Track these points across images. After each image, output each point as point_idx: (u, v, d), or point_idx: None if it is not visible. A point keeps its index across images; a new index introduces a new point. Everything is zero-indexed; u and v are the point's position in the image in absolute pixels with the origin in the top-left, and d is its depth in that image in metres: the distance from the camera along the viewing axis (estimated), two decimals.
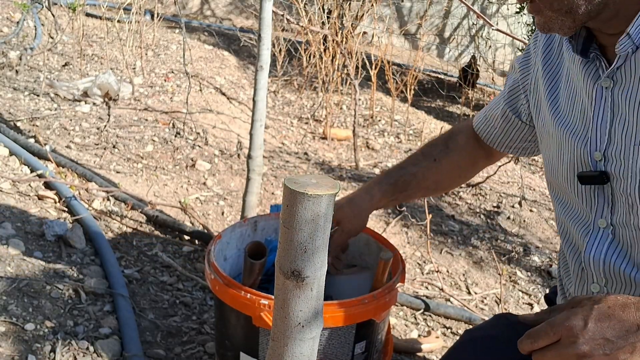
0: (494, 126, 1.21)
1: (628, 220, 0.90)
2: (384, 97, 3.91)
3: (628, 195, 0.88)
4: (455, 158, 1.28)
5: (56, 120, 2.85)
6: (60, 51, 3.77)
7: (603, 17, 0.85)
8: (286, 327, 0.70)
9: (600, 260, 0.95)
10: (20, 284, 1.66)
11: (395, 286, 1.31)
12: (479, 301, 2.11)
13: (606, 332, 0.75)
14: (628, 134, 0.87)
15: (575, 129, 0.96)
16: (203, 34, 4.89)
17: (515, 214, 2.71)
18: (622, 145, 0.88)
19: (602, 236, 0.95)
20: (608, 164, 0.91)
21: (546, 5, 0.84)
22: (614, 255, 0.94)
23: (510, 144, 1.21)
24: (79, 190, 2.26)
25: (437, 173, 1.29)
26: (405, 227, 2.48)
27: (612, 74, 0.89)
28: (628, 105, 0.87)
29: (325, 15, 3.57)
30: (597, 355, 0.75)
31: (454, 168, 1.30)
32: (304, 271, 0.67)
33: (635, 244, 0.91)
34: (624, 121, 0.88)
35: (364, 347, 1.33)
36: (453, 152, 1.28)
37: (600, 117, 0.91)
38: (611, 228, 0.94)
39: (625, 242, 0.92)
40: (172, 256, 2.04)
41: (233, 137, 3.03)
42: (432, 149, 1.29)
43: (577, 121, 0.96)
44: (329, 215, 0.66)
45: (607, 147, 0.91)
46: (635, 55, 0.85)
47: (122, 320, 1.64)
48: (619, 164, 0.89)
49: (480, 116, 1.26)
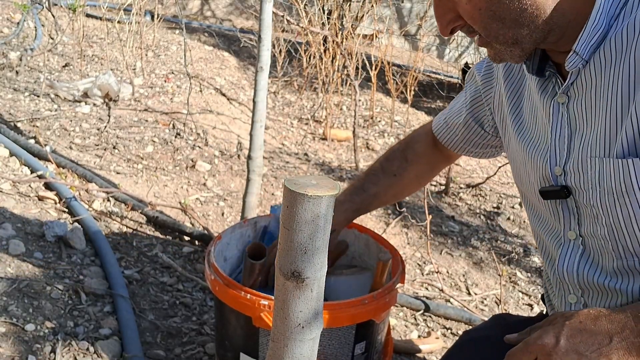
0: (456, 133, 1.24)
1: (595, 230, 0.91)
2: (384, 97, 3.91)
3: (592, 206, 0.90)
4: (415, 169, 1.32)
5: (56, 121, 2.86)
6: (60, 52, 3.77)
7: (550, 40, 0.86)
8: (286, 328, 0.71)
9: (574, 272, 0.96)
10: (21, 285, 1.67)
11: (395, 287, 1.31)
12: (479, 302, 2.11)
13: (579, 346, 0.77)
14: (585, 147, 0.89)
15: (537, 145, 0.98)
16: (203, 35, 4.89)
17: (515, 214, 2.71)
18: (580, 159, 0.89)
19: (573, 248, 0.96)
20: (568, 178, 0.92)
21: (492, 39, 0.86)
22: (586, 266, 0.95)
23: (471, 149, 1.24)
24: (79, 191, 2.26)
25: (397, 187, 1.33)
26: (405, 227, 2.48)
27: (567, 89, 0.90)
28: (584, 119, 0.89)
29: (326, 16, 3.58)
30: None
31: (413, 179, 1.34)
32: (304, 272, 0.67)
33: (605, 254, 0.92)
34: (581, 135, 0.89)
35: (364, 348, 1.33)
36: (412, 164, 1.31)
37: (558, 132, 0.93)
38: (581, 239, 0.95)
39: (595, 252, 0.94)
40: (172, 257, 2.04)
41: (233, 138, 3.03)
42: (391, 164, 1.33)
43: (539, 137, 0.98)
44: (329, 216, 0.66)
45: (566, 161, 0.92)
46: (585, 69, 0.86)
47: (122, 321, 1.64)
48: (579, 176, 0.90)
49: (440, 121, 1.28)
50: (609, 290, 0.92)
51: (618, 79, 0.82)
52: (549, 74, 0.93)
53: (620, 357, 0.77)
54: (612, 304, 0.93)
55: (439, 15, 0.87)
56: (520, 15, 0.82)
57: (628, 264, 0.89)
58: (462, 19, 0.86)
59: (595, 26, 0.82)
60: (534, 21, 0.82)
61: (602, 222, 0.89)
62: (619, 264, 0.90)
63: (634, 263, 0.88)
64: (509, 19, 0.83)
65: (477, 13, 0.83)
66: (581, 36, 0.83)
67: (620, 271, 0.90)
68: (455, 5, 0.84)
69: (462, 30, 0.88)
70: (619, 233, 0.87)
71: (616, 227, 0.87)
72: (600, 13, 0.81)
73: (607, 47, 0.83)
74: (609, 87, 0.84)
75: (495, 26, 0.84)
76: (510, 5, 0.81)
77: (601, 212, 0.88)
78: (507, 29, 0.84)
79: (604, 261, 0.92)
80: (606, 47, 0.83)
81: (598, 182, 0.87)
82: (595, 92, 0.86)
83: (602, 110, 0.85)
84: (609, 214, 0.87)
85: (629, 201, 0.83)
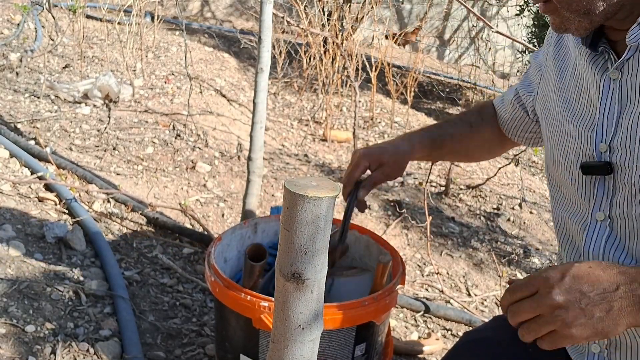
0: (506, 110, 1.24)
1: (629, 211, 0.91)
2: (384, 99, 3.91)
3: (632, 185, 0.89)
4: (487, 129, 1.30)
5: (56, 122, 2.86)
6: (60, 53, 3.78)
7: (619, 16, 0.85)
8: (286, 329, 0.71)
9: (599, 254, 0.95)
10: (21, 286, 1.67)
11: (395, 288, 1.31)
12: (479, 303, 2.11)
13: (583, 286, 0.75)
14: (634, 125, 0.88)
15: (582, 119, 0.97)
16: (203, 36, 4.89)
17: (515, 215, 2.71)
18: (628, 136, 0.89)
19: (600, 229, 0.96)
20: (613, 155, 0.92)
21: (564, 6, 0.85)
22: (612, 248, 0.94)
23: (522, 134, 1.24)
24: (79, 192, 2.26)
25: (471, 140, 1.31)
26: (406, 229, 2.48)
27: (622, 65, 0.90)
28: (636, 96, 0.88)
29: (326, 17, 3.58)
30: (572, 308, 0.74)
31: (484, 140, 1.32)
32: (304, 273, 0.67)
33: (634, 236, 0.91)
34: (632, 112, 0.89)
35: (364, 349, 1.33)
36: (485, 123, 1.31)
37: (607, 108, 0.92)
38: (609, 221, 0.94)
39: (623, 234, 0.93)
40: (172, 258, 2.04)
41: (233, 139, 3.03)
42: (468, 116, 1.33)
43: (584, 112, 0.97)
44: (329, 217, 0.66)
45: (612, 138, 0.92)
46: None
47: (122, 322, 1.64)
48: (625, 154, 0.90)
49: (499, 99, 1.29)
50: None
51: None
52: (601, 50, 0.92)
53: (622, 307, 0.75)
54: None
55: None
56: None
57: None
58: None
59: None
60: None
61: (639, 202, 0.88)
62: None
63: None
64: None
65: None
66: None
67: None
68: None
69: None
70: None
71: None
72: None
73: None
74: None
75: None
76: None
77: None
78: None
79: (630, 244, 0.92)
80: None
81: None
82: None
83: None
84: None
85: None
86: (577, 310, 0.74)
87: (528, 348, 0.87)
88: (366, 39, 4.75)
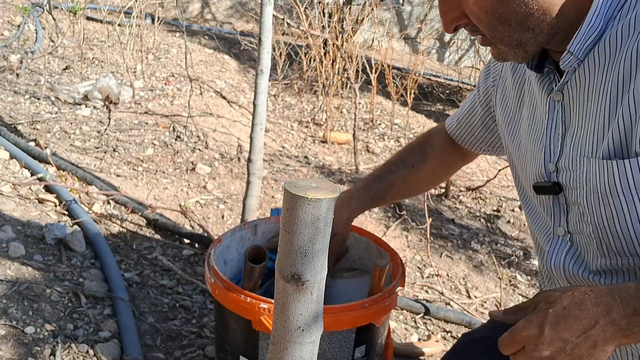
0: (471, 132, 1.24)
1: (581, 228, 0.92)
2: (384, 100, 3.91)
3: (579, 205, 0.90)
4: (432, 163, 1.32)
5: (57, 124, 2.86)
6: (61, 55, 3.78)
7: (555, 42, 0.86)
8: (286, 331, 0.70)
9: (560, 267, 0.97)
10: (21, 287, 1.66)
11: (395, 290, 1.31)
12: (479, 305, 2.11)
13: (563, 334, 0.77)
14: (576, 146, 0.89)
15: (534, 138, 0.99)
16: (203, 38, 4.90)
17: (515, 217, 2.71)
18: (571, 157, 0.90)
19: (561, 244, 0.97)
20: (560, 175, 0.93)
21: (497, 40, 0.86)
22: (571, 261, 0.96)
23: (489, 147, 1.24)
24: (79, 194, 2.26)
25: (414, 179, 1.33)
26: (405, 230, 2.48)
27: (562, 87, 0.90)
28: (577, 117, 0.89)
29: (326, 19, 3.58)
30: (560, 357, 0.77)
31: (430, 173, 1.34)
32: (304, 275, 0.67)
33: (590, 251, 0.92)
34: (574, 133, 0.90)
35: (364, 351, 1.32)
36: (430, 158, 1.32)
37: (553, 129, 0.94)
38: (569, 236, 0.96)
39: (582, 249, 0.94)
40: (172, 260, 2.04)
41: (233, 141, 3.03)
42: (409, 156, 1.33)
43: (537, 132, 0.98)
44: (329, 219, 0.66)
45: (559, 158, 0.93)
46: (580, 69, 0.87)
47: (122, 324, 1.64)
48: (570, 174, 0.91)
49: (454, 122, 1.28)
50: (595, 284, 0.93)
51: (609, 80, 0.83)
52: (547, 71, 0.93)
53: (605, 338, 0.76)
54: None
55: (444, 11, 0.86)
56: (526, 19, 0.82)
57: (612, 262, 0.89)
58: (467, 17, 0.85)
59: (591, 27, 0.82)
60: (539, 25, 0.83)
61: (587, 221, 0.90)
62: (603, 263, 0.90)
63: (616, 262, 0.89)
64: (515, 22, 0.82)
65: (484, 14, 0.83)
66: (576, 36, 0.83)
67: (604, 269, 0.91)
68: (461, 3, 0.84)
69: (466, 28, 0.88)
70: (603, 232, 0.87)
71: (600, 226, 0.87)
72: (597, 14, 0.82)
73: (601, 48, 0.83)
74: (601, 87, 0.84)
75: (501, 28, 0.84)
76: (517, 9, 0.81)
77: (587, 211, 0.89)
78: (513, 31, 0.84)
79: (589, 258, 0.93)
80: (600, 47, 0.83)
81: (585, 181, 0.87)
82: (588, 91, 0.86)
83: (593, 110, 0.86)
84: (594, 214, 0.87)
85: (613, 202, 0.83)
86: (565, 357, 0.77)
87: None
88: (366, 40, 4.75)
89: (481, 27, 0.85)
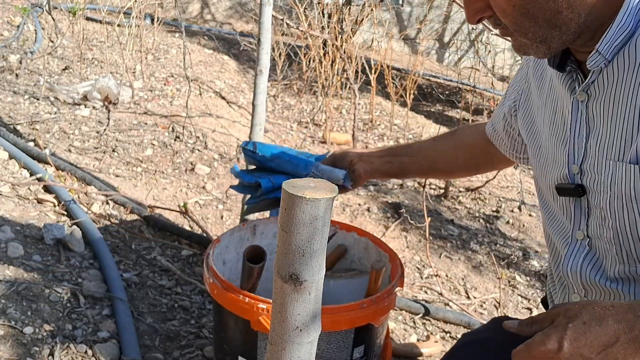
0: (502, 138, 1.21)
1: (602, 233, 0.91)
2: (383, 101, 3.91)
3: (601, 208, 0.89)
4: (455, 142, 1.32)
5: (56, 124, 2.86)
6: (60, 55, 3.78)
7: (579, 42, 0.85)
8: (284, 331, 0.70)
9: (577, 272, 0.96)
10: (19, 288, 1.66)
11: (394, 290, 1.31)
12: (478, 305, 2.10)
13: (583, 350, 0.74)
14: (601, 148, 0.87)
15: (557, 139, 0.97)
16: (203, 38, 4.90)
17: (514, 218, 2.71)
18: (596, 159, 0.88)
19: (579, 248, 0.96)
20: (584, 178, 0.91)
21: (520, 34, 0.84)
22: (589, 266, 0.94)
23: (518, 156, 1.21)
24: (78, 194, 2.26)
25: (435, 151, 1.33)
26: (405, 231, 2.48)
27: (587, 87, 0.88)
28: (602, 119, 0.87)
29: (325, 19, 3.58)
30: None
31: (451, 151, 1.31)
32: (302, 275, 0.67)
33: (609, 257, 0.91)
34: (598, 135, 0.88)
35: (363, 352, 1.32)
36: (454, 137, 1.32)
37: (577, 130, 0.92)
38: (588, 240, 0.94)
39: (601, 254, 0.93)
40: (170, 260, 2.04)
41: (232, 141, 3.03)
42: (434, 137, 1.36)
43: (560, 131, 0.96)
44: (327, 218, 0.66)
45: (583, 160, 0.91)
46: (607, 69, 0.84)
47: (120, 324, 1.64)
48: (594, 177, 0.89)
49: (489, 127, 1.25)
50: (612, 291, 0.92)
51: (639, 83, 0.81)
52: (569, 70, 0.91)
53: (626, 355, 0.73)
54: None
55: (468, 2, 0.84)
56: (554, 17, 0.80)
57: (630, 269, 0.88)
58: (491, 9, 0.83)
59: (621, 26, 0.80)
60: (567, 24, 0.81)
61: (609, 225, 0.88)
62: (621, 269, 0.89)
63: (635, 269, 0.87)
64: (542, 19, 0.80)
65: (511, 8, 0.80)
66: (605, 36, 0.81)
67: (622, 276, 0.90)
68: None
69: (489, 20, 0.85)
70: (624, 238, 0.86)
71: (622, 232, 0.86)
72: (628, 13, 0.79)
73: (631, 48, 0.81)
74: (630, 89, 0.82)
75: (527, 24, 0.81)
76: (546, 5, 0.79)
77: (609, 215, 0.87)
78: (539, 27, 0.81)
79: (607, 264, 0.92)
80: (631, 48, 0.81)
81: (610, 185, 0.85)
82: (616, 93, 0.84)
83: (620, 113, 0.84)
84: (616, 218, 0.86)
85: (637, 207, 0.82)
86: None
87: None
88: (366, 41, 4.76)
89: (505, 21, 0.83)
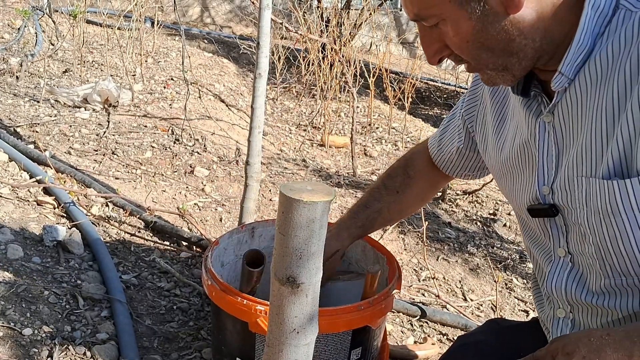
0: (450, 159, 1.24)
1: (583, 249, 0.91)
2: (381, 104, 3.93)
3: (579, 225, 0.89)
4: (417, 186, 1.32)
5: (56, 126, 2.87)
6: (60, 58, 3.79)
7: (539, 64, 0.86)
8: (281, 333, 0.71)
9: (562, 289, 0.96)
10: (19, 289, 1.67)
11: (391, 293, 1.32)
12: (475, 308, 2.11)
13: None
14: (572, 166, 0.88)
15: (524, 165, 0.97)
16: (203, 42, 4.91)
17: (511, 221, 2.72)
18: (567, 177, 0.89)
19: (562, 265, 0.96)
20: (555, 197, 0.92)
21: (482, 67, 0.86)
22: (573, 283, 0.95)
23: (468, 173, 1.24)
24: (78, 196, 2.27)
25: (401, 204, 1.33)
26: (402, 233, 2.49)
27: (553, 108, 0.89)
28: (571, 138, 0.88)
29: (324, 23, 3.60)
30: None
31: (416, 196, 1.33)
32: (299, 277, 0.68)
33: (593, 272, 0.91)
34: (568, 153, 0.89)
35: (360, 354, 1.33)
36: (414, 181, 1.31)
37: (545, 151, 0.92)
38: (570, 256, 0.95)
39: (584, 270, 0.93)
40: (169, 262, 2.05)
41: (231, 144, 3.04)
42: (393, 181, 1.32)
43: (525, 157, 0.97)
44: (324, 221, 0.67)
45: (554, 180, 0.92)
46: (570, 88, 0.86)
47: (119, 326, 1.64)
48: (566, 195, 0.90)
49: (435, 144, 1.27)
50: (598, 307, 0.92)
51: (603, 98, 0.82)
52: (534, 94, 0.92)
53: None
54: (602, 320, 0.92)
55: (426, 45, 0.86)
56: (508, 45, 0.82)
57: (615, 282, 0.88)
58: (449, 48, 0.86)
59: (580, 45, 0.82)
60: (523, 50, 0.83)
61: (589, 241, 0.88)
62: (606, 283, 0.89)
63: (621, 282, 0.88)
64: (497, 49, 0.82)
65: (465, 45, 0.83)
66: (566, 56, 0.83)
67: (607, 290, 0.90)
68: (442, 35, 0.84)
69: (450, 58, 0.88)
70: (606, 252, 0.86)
71: (603, 246, 0.86)
72: (585, 32, 0.81)
73: (592, 66, 0.83)
74: (595, 106, 0.83)
75: (485, 55, 0.84)
76: (498, 36, 0.81)
77: (588, 231, 0.88)
78: (497, 57, 0.84)
79: (591, 279, 0.92)
80: (591, 65, 0.83)
81: (585, 201, 0.86)
82: (581, 110, 0.85)
83: (588, 129, 0.85)
84: (596, 234, 0.86)
85: (615, 221, 0.82)
86: None
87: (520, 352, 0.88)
88: (364, 45, 4.77)
89: (464, 57, 0.86)
